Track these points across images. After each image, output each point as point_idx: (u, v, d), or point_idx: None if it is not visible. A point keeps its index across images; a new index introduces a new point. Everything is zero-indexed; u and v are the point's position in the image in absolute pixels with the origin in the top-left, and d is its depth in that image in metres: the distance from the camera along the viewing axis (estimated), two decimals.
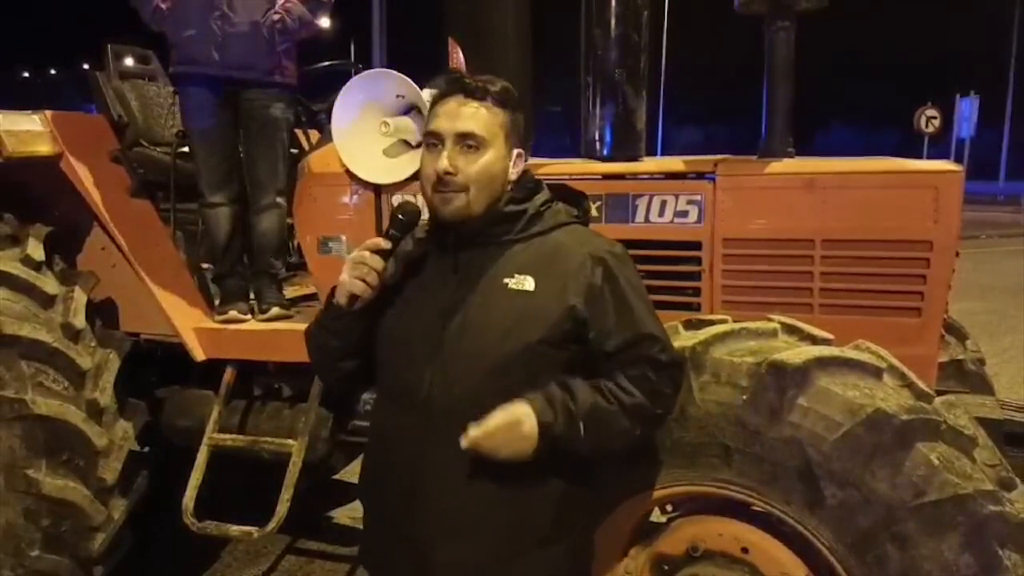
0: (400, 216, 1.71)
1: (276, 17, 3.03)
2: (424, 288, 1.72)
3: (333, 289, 1.72)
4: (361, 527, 3.63)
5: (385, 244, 1.67)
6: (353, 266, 1.65)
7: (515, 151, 1.69)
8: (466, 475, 1.60)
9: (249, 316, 3.21)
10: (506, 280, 1.63)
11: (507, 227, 1.68)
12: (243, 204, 3.23)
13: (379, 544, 1.76)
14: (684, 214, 2.60)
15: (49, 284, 2.97)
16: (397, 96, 2.89)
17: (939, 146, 20.77)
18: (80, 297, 3.04)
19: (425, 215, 1.76)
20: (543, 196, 1.73)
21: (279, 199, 3.20)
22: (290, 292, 3.51)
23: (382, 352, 1.75)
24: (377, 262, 1.65)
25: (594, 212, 2.66)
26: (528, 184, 1.73)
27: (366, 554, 1.85)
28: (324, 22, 3.19)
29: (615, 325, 1.62)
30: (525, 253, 1.66)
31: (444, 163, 1.62)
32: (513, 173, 1.69)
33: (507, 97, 1.67)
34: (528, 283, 1.62)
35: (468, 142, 1.62)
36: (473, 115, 1.63)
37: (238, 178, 3.21)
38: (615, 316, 1.62)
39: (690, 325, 2.23)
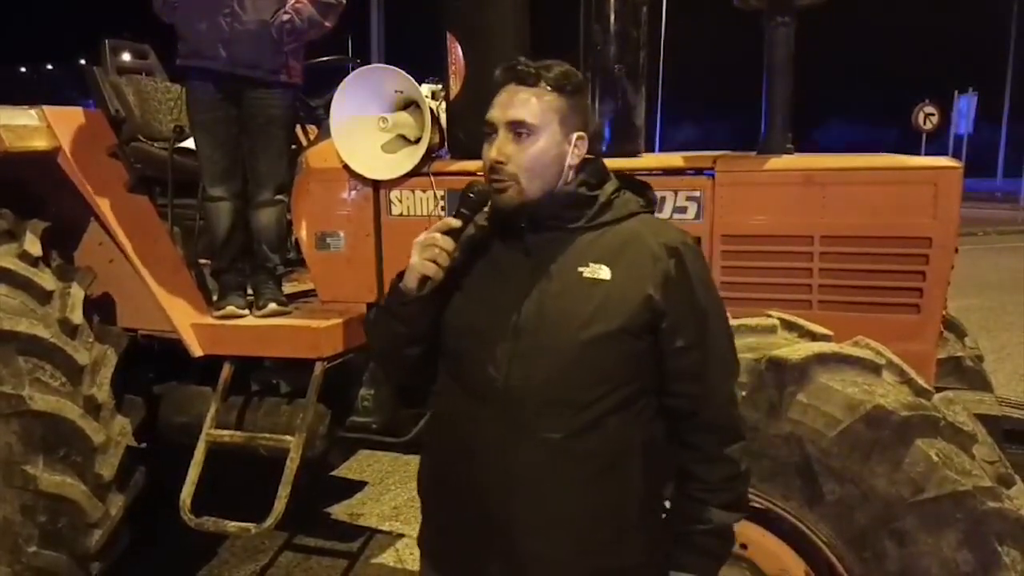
0: (471, 195, 1.68)
1: (285, 17, 3.02)
2: (496, 274, 1.68)
3: (399, 275, 1.68)
4: (358, 523, 3.60)
5: (456, 223, 1.64)
6: (423, 248, 1.62)
7: (574, 135, 1.64)
8: (554, 465, 1.58)
9: (247, 312, 3.20)
10: (581, 269, 1.60)
11: (578, 212, 1.64)
12: (244, 200, 3.23)
13: (453, 537, 1.72)
14: (683, 210, 2.60)
15: (46, 280, 2.96)
16: (395, 92, 2.89)
17: (937, 143, 20.75)
18: (77, 293, 3.03)
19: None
20: (613, 184, 1.70)
21: (279, 196, 3.20)
22: (288, 288, 3.50)
23: (452, 341, 1.70)
24: (448, 243, 1.61)
25: None
26: (598, 171, 1.69)
27: (435, 545, 1.79)
28: (332, 23, 3.18)
29: (683, 322, 1.60)
30: (598, 242, 1.63)
31: (494, 152, 1.60)
32: (573, 157, 1.64)
33: (564, 81, 1.62)
34: (604, 272, 1.59)
35: (519, 130, 1.60)
36: (524, 102, 1.60)
37: (240, 173, 3.20)
38: (684, 312, 1.60)
39: None
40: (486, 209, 1.73)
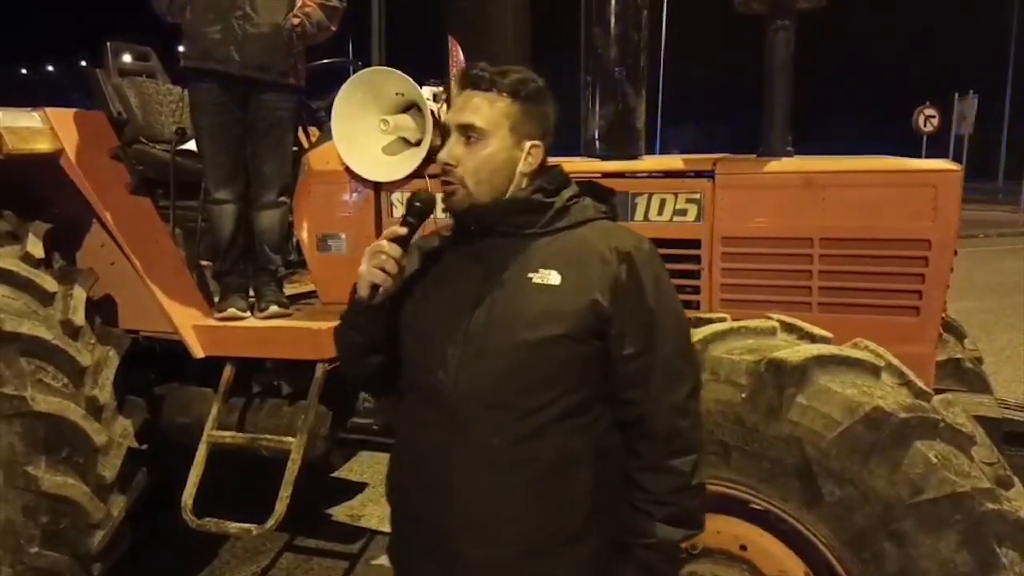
0: (416, 203, 1.69)
1: (296, 21, 3.03)
2: (447, 279, 1.69)
3: (354, 286, 1.68)
4: (359, 524, 3.61)
5: (402, 231, 1.65)
6: (372, 256, 1.63)
7: (528, 143, 1.64)
8: (494, 471, 1.58)
9: (248, 313, 3.21)
10: (531, 275, 1.60)
11: (532, 218, 1.64)
12: (247, 202, 3.23)
13: (406, 540, 1.73)
14: (683, 212, 2.61)
15: (48, 281, 2.97)
16: (396, 94, 2.89)
17: (938, 145, 20.73)
18: (79, 294, 3.04)
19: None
20: (571, 191, 1.70)
21: (282, 197, 3.21)
22: (289, 290, 3.51)
23: (407, 346, 1.71)
24: (395, 250, 1.62)
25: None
26: (557, 178, 1.70)
27: (394, 551, 1.81)
28: (336, 27, 3.20)
29: (632, 328, 1.59)
30: (550, 247, 1.63)
31: (444, 154, 1.62)
32: (526, 165, 1.65)
33: (520, 87, 1.63)
34: (553, 277, 1.58)
35: (469, 134, 1.61)
36: (476, 107, 1.61)
37: (243, 176, 3.21)
38: (634, 318, 1.59)
39: (689, 323, 2.23)
40: (441, 216, 1.72)
